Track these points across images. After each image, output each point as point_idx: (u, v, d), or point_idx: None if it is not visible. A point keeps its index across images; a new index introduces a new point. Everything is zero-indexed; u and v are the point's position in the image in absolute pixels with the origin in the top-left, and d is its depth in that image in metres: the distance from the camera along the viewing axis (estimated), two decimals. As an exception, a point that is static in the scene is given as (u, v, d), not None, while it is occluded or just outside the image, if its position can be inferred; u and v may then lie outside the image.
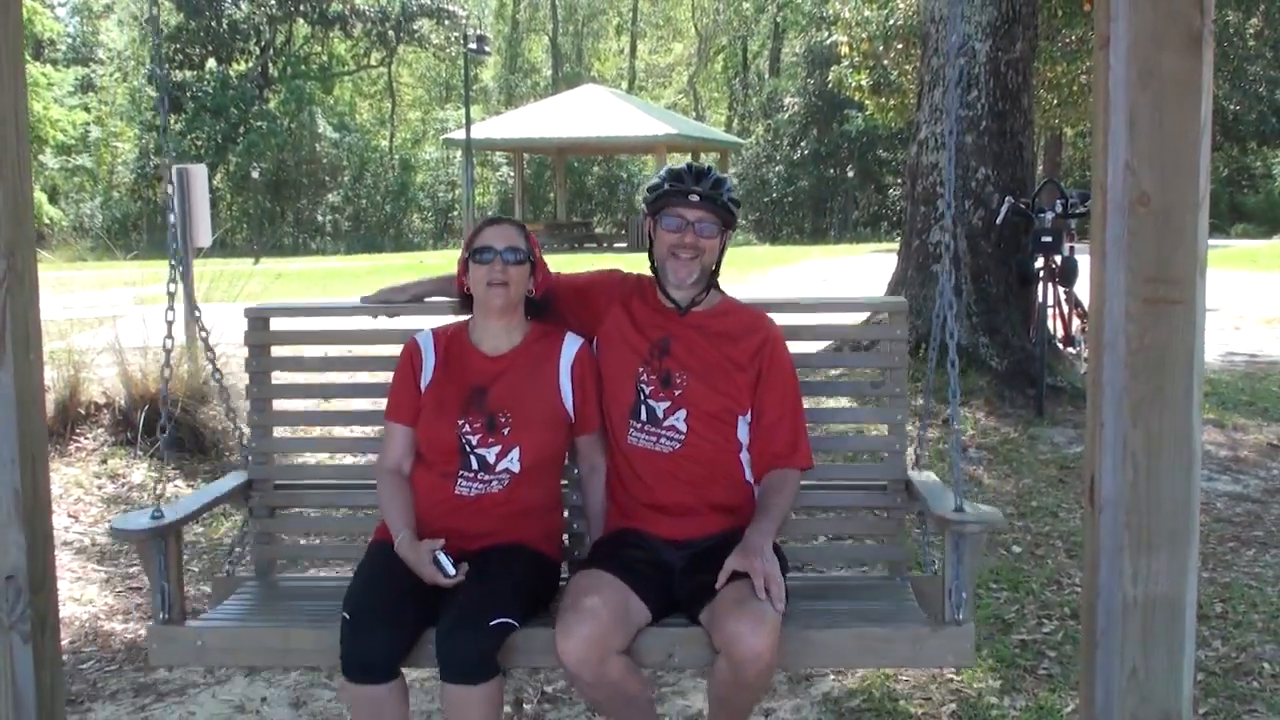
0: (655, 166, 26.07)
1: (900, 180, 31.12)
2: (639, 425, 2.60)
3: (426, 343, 2.68)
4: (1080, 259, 6.94)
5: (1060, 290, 7.63)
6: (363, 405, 3.07)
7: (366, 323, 2.96)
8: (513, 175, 32.82)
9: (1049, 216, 7.07)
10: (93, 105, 39.29)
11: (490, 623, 2.31)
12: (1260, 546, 4.53)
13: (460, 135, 28.36)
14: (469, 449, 2.56)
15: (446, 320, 2.80)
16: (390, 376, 2.72)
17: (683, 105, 45.99)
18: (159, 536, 2.45)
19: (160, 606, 2.47)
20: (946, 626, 2.40)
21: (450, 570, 2.40)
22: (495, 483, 2.57)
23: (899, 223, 20.03)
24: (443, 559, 2.41)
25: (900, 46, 17.88)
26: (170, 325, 2.60)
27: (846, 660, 2.88)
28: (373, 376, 3.01)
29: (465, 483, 2.57)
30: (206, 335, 2.88)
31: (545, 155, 32.82)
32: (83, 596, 4.12)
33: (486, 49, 35.01)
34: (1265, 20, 26.51)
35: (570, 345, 2.67)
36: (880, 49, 18.36)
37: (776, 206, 38.65)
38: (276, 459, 3.02)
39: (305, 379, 3.06)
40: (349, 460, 3.33)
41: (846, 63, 20.03)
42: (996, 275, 7.21)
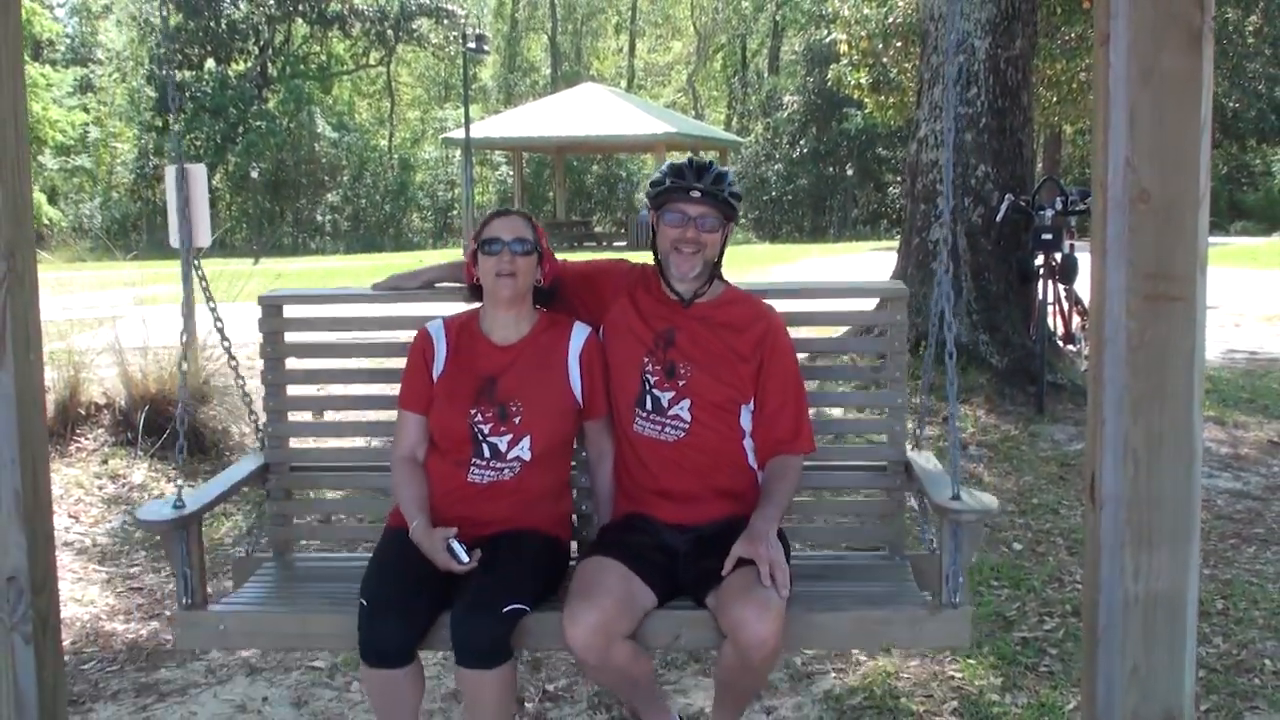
0: (654, 165, 26.07)
1: (900, 178, 31.14)
2: (644, 414, 2.66)
3: (438, 332, 2.73)
4: (1080, 256, 6.95)
5: (1060, 288, 7.63)
6: (375, 390, 3.13)
7: (378, 309, 3.01)
8: (512, 174, 32.83)
9: (1049, 214, 7.07)
10: (91, 106, 39.25)
11: (503, 609, 2.38)
12: (1261, 543, 4.53)
13: (459, 134, 28.36)
14: (481, 438, 2.62)
15: (457, 307, 2.86)
16: (401, 362, 2.78)
17: (682, 104, 45.99)
18: (182, 526, 2.52)
19: (184, 592, 2.54)
20: (944, 609, 2.46)
21: (463, 557, 2.47)
22: (507, 470, 2.63)
23: (898, 221, 20.06)
24: (456, 546, 2.48)
25: (899, 44, 17.89)
26: (187, 319, 2.67)
27: (846, 642, 2.97)
28: (384, 362, 3.06)
29: (478, 470, 2.63)
30: (222, 326, 2.91)
31: (544, 154, 32.82)
32: (84, 597, 4.12)
33: (485, 48, 34.98)
34: (1264, 17, 26.54)
35: (578, 334, 2.72)
36: (879, 47, 18.37)
37: (776, 205, 38.63)
38: (292, 443, 3.10)
39: (318, 365, 3.18)
40: (362, 443, 3.42)
41: (846, 61, 20.03)
42: (996, 273, 7.21)
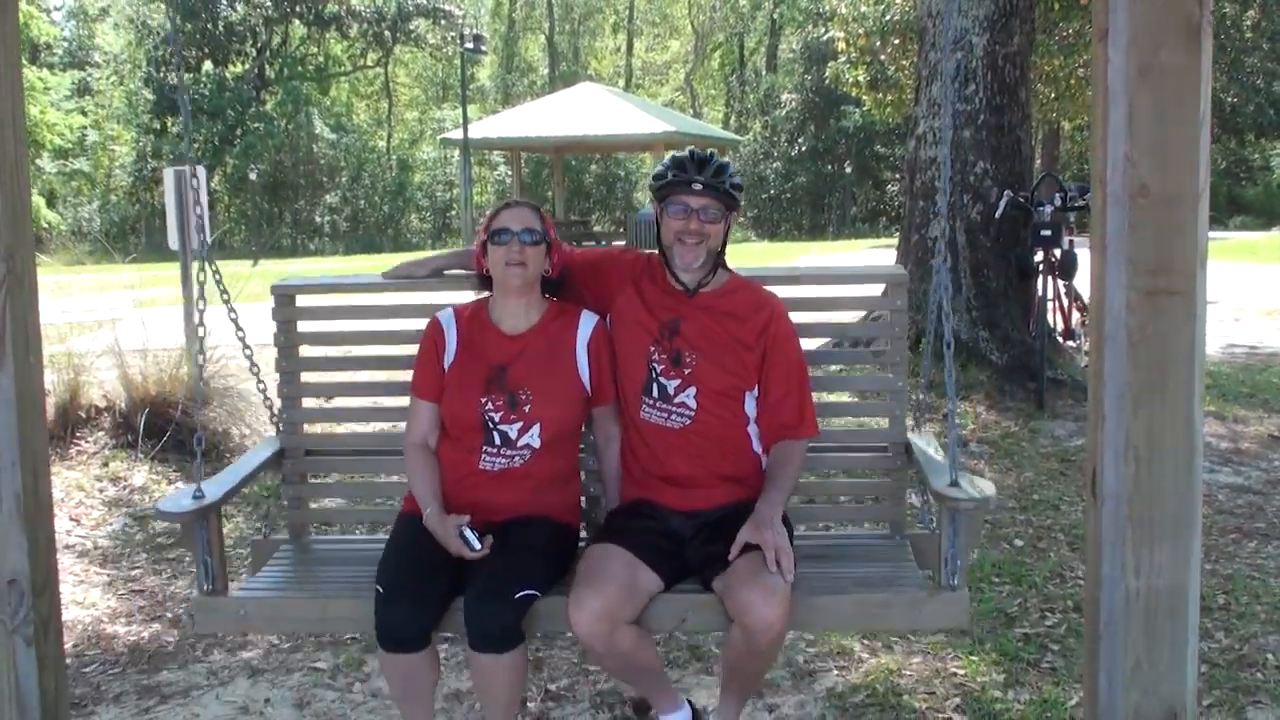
0: (653, 164, 26.03)
1: (898, 176, 31.14)
2: (651, 401, 2.72)
3: (449, 321, 2.78)
4: (1080, 252, 6.95)
5: (1060, 284, 7.64)
6: (386, 376, 3.18)
7: (388, 298, 3.04)
8: (510, 174, 32.79)
9: (1048, 210, 7.08)
10: (89, 109, 39.20)
11: (515, 595, 2.44)
12: (1262, 538, 4.53)
13: (458, 135, 28.32)
14: (491, 425, 2.67)
15: (465, 295, 2.90)
16: (411, 348, 2.84)
17: (680, 103, 45.95)
18: (202, 516, 2.56)
19: (204, 579, 2.59)
20: (942, 592, 2.50)
21: (476, 545, 2.53)
22: (517, 457, 2.68)
23: (897, 218, 20.04)
24: (468, 534, 2.54)
25: (897, 41, 17.89)
26: (202, 314, 2.70)
27: (847, 624, 3.03)
28: (395, 349, 3.10)
29: (489, 458, 2.68)
30: (236, 316, 2.92)
31: (543, 154, 32.77)
32: (85, 599, 4.12)
33: (483, 48, 34.97)
34: (1262, 12, 26.53)
35: (586, 323, 2.77)
36: (877, 44, 18.37)
37: (774, 203, 38.63)
38: (305, 428, 3.15)
39: (331, 352, 3.26)
40: (374, 428, 3.47)
41: (844, 58, 20.03)
42: (996, 269, 7.21)
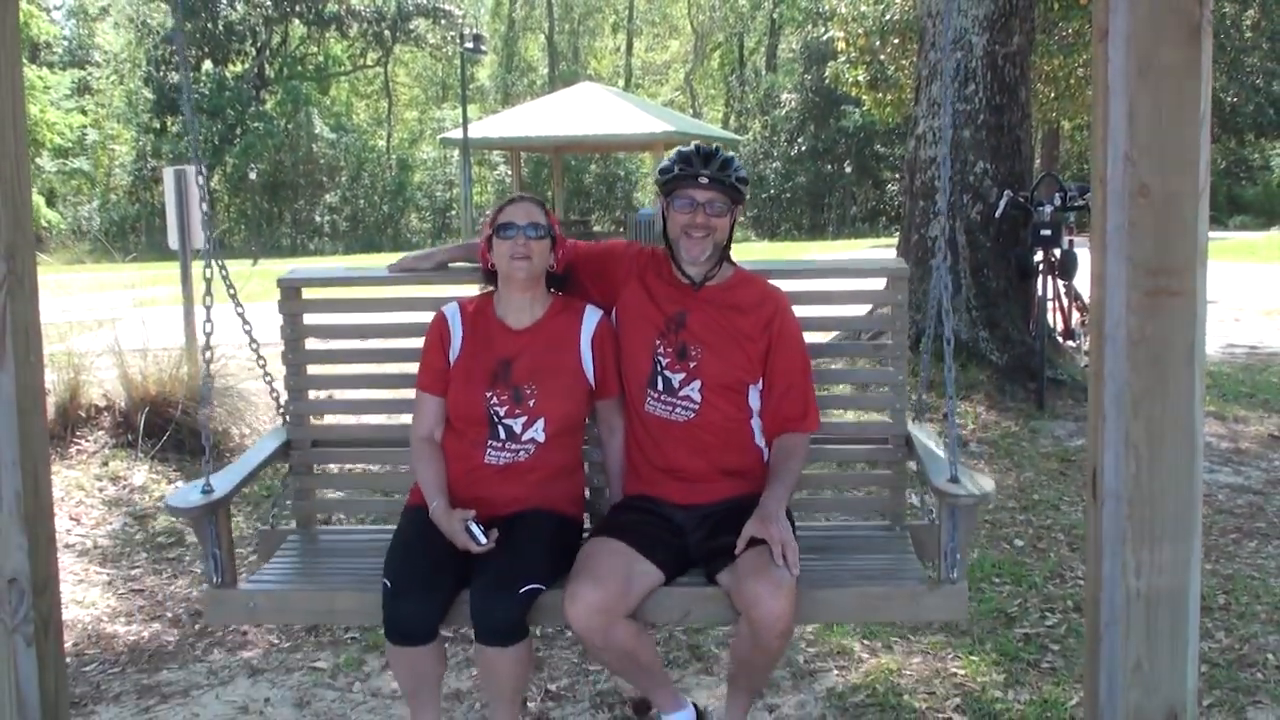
0: (653, 164, 26.04)
1: (898, 175, 31.13)
2: (656, 395, 2.74)
3: (454, 315, 2.80)
4: (1080, 252, 6.95)
5: (1060, 283, 7.64)
6: (391, 369, 3.19)
7: (393, 291, 3.06)
8: (510, 174, 32.77)
9: (1048, 210, 7.08)
10: (89, 108, 39.18)
11: (521, 590, 2.47)
12: (1262, 538, 4.53)
13: (457, 134, 28.31)
14: (497, 420, 2.70)
15: (469, 288, 2.92)
16: (415, 341, 2.85)
17: (680, 102, 45.93)
18: (211, 510, 2.57)
19: (213, 571, 2.61)
20: (942, 585, 2.53)
21: (481, 539, 2.56)
22: (522, 452, 2.71)
23: (897, 218, 20.04)
24: (474, 528, 2.57)
25: (897, 41, 17.90)
26: (208, 310, 2.74)
27: (848, 616, 3.06)
28: (400, 342, 3.11)
29: (494, 452, 2.70)
30: (242, 311, 2.94)
31: (542, 154, 32.75)
32: (85, 599, 4.12)
33: (483, 48, 34.96)
34: (1261, 11, 26.54)
35: (590, 318, 2.79)
36: (877, 44, 18.38)
37: (774, 203, 38.64)
38: (312, 420, 3.17)
39: (337, 345, 3.26)
40: (380, 420, 3.48)
41: (843, 58, 20.04)
42: (996, 269, 7.21)
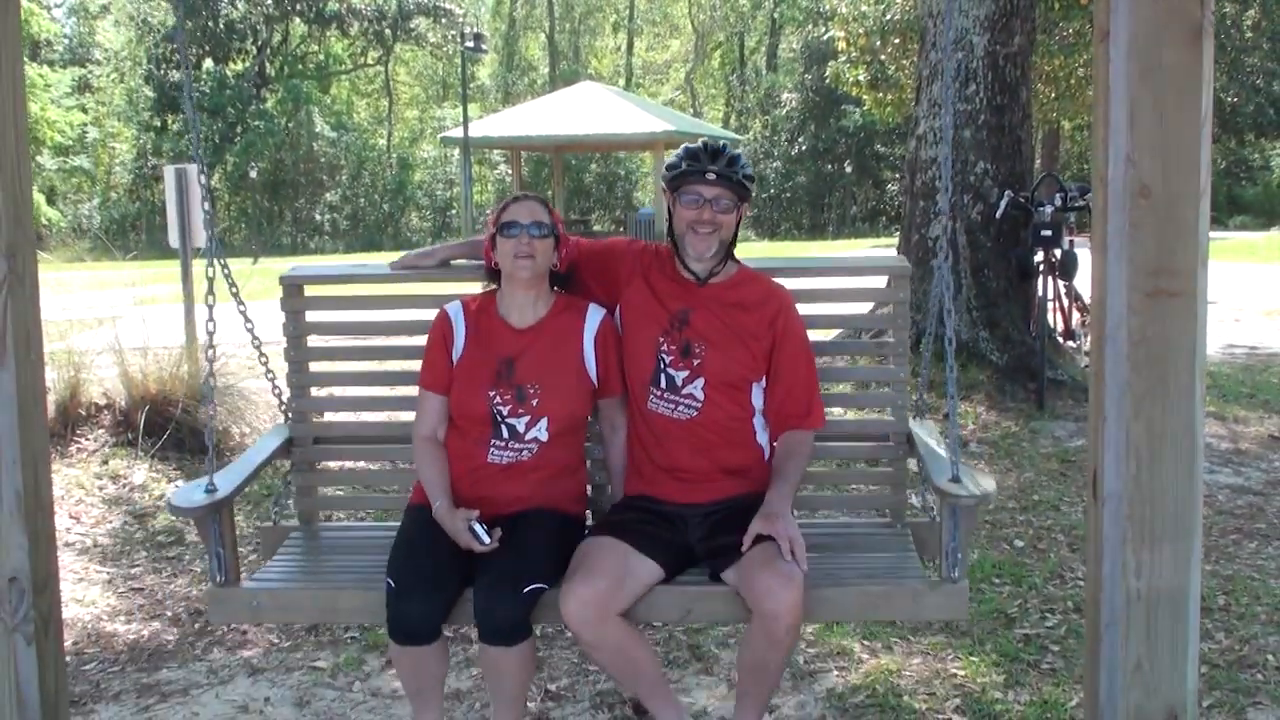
0: (653, 163, 26.03)
1: (898, 175, 31.12)
2: (659, 392, 2.73)
3: (457, 314, 2.79)
4: (1080, 252, 6.95)
5: (1060, 284, 7.64)
6: (393, 366, 3.20)
7: (396, 288, 3.06)
8: (510, 173, 32.77)
9: (1048, 210, 7.08)
10: (90, 106, 39.17)
11: (524, 589, 2.47)
12: (1263, 539, 4.53)
13: (458, 133, 28.30)
14: (500, 419, 2.70)
15: (471, 286, 2.92)
16: (417, 339, 2.85)
17: (680, 102, 45.91)
18: (215, 510, 2.58)
19: (217, 570, 2.62)
20: (943, 584, 2.54)
21: (485, 539, 2.56)
22: (525, 451, 2.71)
23: (897, 218, 20.02)
24: (478, 528, 2.58)
25: (898, 41, 17.88)
26: (211, 309, 2.74)
27: (850, 615, 3.06)
28: (402, 340, 3.11)
29: (497, 451, 2.71)
30: (245, 309, 2.94)
31: (543, 153, 32.75)
32: (85, 598, 4.12)
33: (483, 47, 34.93)
34: (1262, 12, 26.53)
35: (593, 317, 2.78)
36: (878, 44, 18.35)
37: (774, 202, 38.63)
38: (314, 417, 3.17)
39: (339, 342, 3.27)
40: (381, 417, 3.48)
41: (844, 58, 20.00)
42: (996, 270, 7.21)
